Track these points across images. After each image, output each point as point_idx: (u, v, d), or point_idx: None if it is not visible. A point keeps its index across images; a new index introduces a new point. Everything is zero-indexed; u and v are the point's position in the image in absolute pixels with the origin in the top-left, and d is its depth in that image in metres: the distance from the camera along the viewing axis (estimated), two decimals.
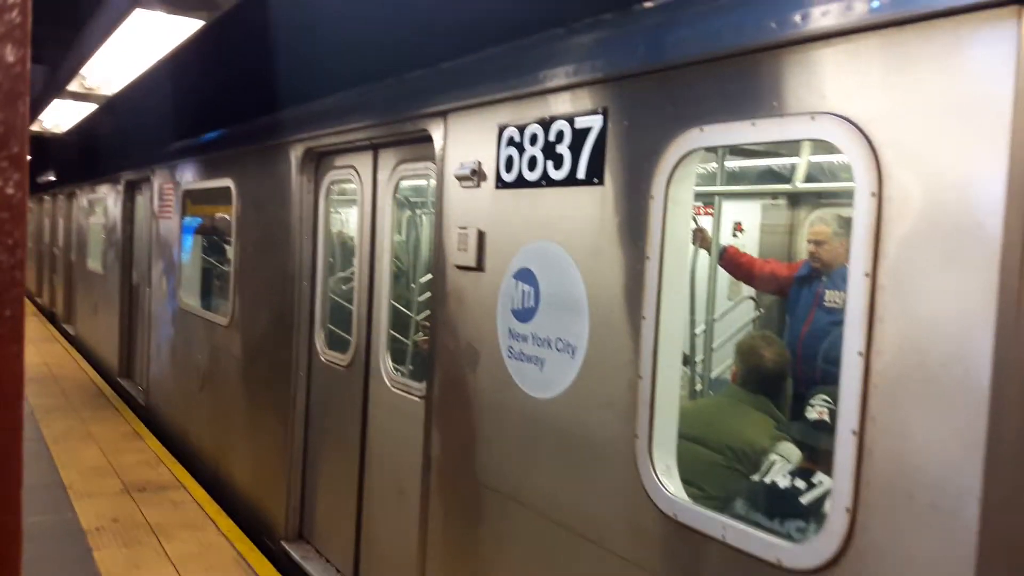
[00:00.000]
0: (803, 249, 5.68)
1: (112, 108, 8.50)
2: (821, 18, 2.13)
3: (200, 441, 6.87)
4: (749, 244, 6.22)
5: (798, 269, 4.96)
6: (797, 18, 2.19)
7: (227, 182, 6.22)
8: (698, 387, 5.28)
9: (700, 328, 5.55)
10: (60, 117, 9.30)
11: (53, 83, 8.38)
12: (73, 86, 6.73)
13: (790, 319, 4.93)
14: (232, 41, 5.40)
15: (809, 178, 5.28)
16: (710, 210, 6.33)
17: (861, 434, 2.02)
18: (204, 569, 4.72)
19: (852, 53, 2.06)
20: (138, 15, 4.11)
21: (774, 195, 6.19)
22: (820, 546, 2.10)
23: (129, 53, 5.09)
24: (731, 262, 5.21)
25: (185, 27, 4.29)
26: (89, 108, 8.44)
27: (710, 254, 5.17)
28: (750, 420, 3.55)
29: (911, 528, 1.92)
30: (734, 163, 5.80)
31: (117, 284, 10.08)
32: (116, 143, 10.38)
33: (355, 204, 4.75)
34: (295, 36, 4.98)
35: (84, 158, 12.87)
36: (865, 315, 2.03)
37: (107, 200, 10.79)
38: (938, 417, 1.87)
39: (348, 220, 5.96)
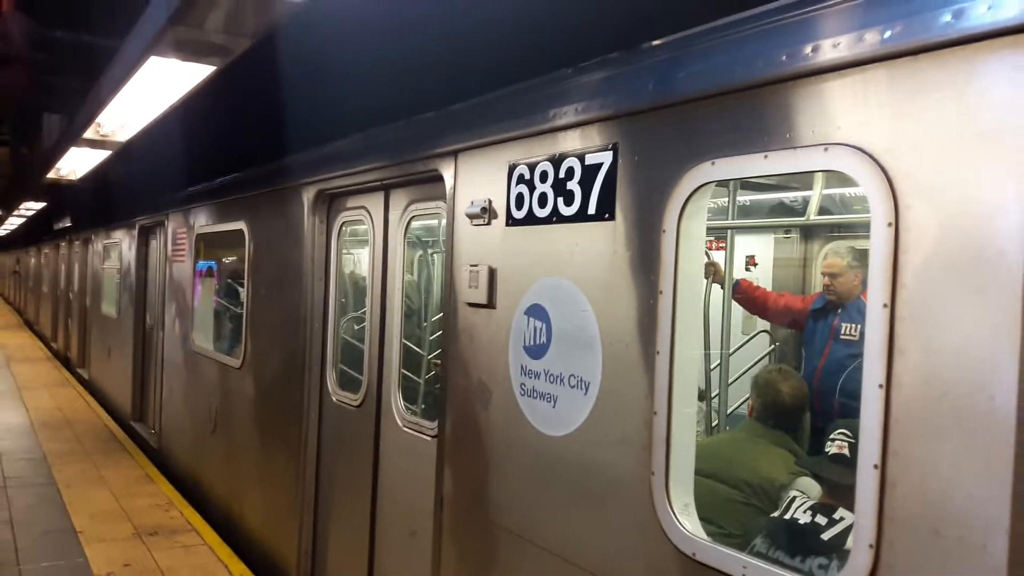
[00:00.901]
0: (817, 282, 5.65)
1: (126, 154, 8.64)
2: (832, 50, 2.13)
3: (212, 484, 6.83)
4: (762, 278, 6.20)
5: (813, 302, 4.93)
6: (808, 50, 2.19)
7: (240, 225, 6.27)
8: (714, 423, 5.23)
9: (715, 363, 5.51)
10: (76, 164, 9.46)
11: (70, 132, 8.56)
12: (89, 133, 6.93)
13: (806, 352, 4.90)
14: (243, 86, 5.50)
15: (822, 210, 5.28)
16: (722, 244, 6.34)
17: (883, 468, 1.98)
18: None
19: (865, 83, 2.05)
20: (152, 62, 4.24)
21: (786, 228, 6.18)
22: None
23: (143, 99, 5.29)
24: (745, 296, 5.19)
25: (197, 73, 4.35)
26: (104, 155, 8.61)
27: (723, 288, 5.16)
28: (768, 455, 3.51)
29: (938, 563, 1.87)
30: (746, 197, 5.82)
31: (130, 328, 10.14)
32: (130, 189, 10.51)
33: (367, 244, 4.76)
34: (305, 80, 5.06)
35: (99, 204, 13.02)
36: (885, 347, 2.00)
37: (121, 245, 10.90)
38: (963, 449, 1.82)
39: (360, 260, 6.00)
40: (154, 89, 4.96)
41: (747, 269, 6.38)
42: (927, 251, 1.92)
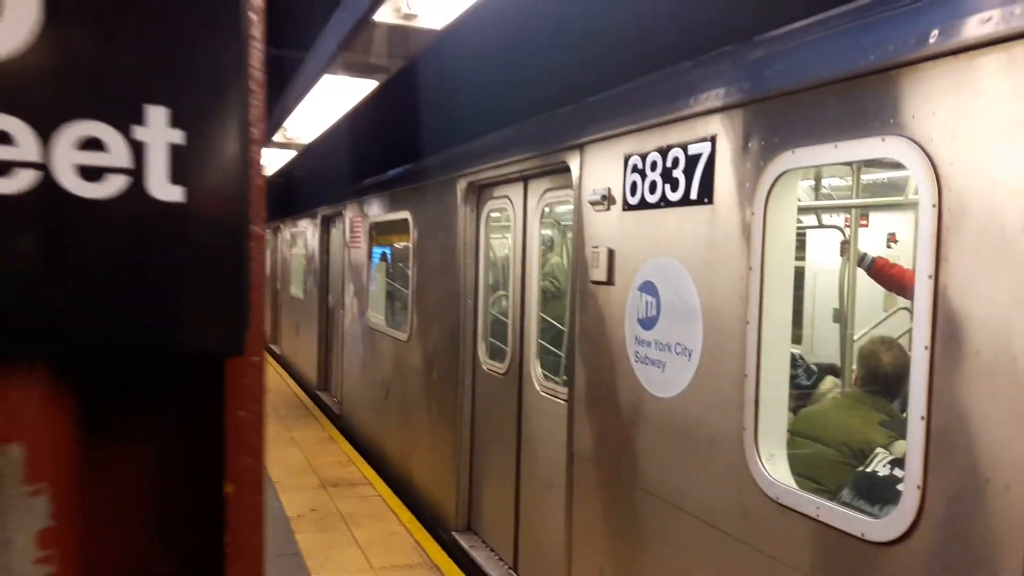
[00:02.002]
0: None
1: (308, 153, 9.77)
2: (889, 52, 2.42)
3: (385, 444, 7.66)
4: (904, 255, 6.17)
5: None
6: (871, 57, 2.47)
7: (405, 214, 6.98)
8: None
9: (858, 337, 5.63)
10: (266, 163, 10.69)
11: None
12: (277, 137, 8.01)
13: None
14: (405, 92, 6.21)
15: None
16: (863, 222, 6.38)
17: (928, 420, 2.26)
18: (386, 552, 5.42)
19: (915, 80, 2.33)
20: (326, 79, 5.10)
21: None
22: (896, 521, 2.34)
23: (321, 108, 6.20)
24: (881, 273, 5.26)
25: (364, 86, 5.13)
26: (290, 154, 9.75)
27: (860, 266, 5.29)
28: (868, 420, 3.71)
29: (971, 500, 2.15)
30: (884, 174, 5.84)
31: (315, 307, 11.22)
32: (313, 183, 11.66)
33: (507, 228, 5.32)
34: (453, 86, 5.66)
35: (286, 197, 14.49)
36: (929, 313, 2.27)
37: (306, 233, 12.04)
38: (991, 402, 2.10)
39: (504, 244, 6.58)
40: (330, 99, 5.83)
41: (888, 246, 6.36)
42: (965, 229, 2.18)
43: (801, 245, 7.70)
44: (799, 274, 7.68)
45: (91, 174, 0.73)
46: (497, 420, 5.36)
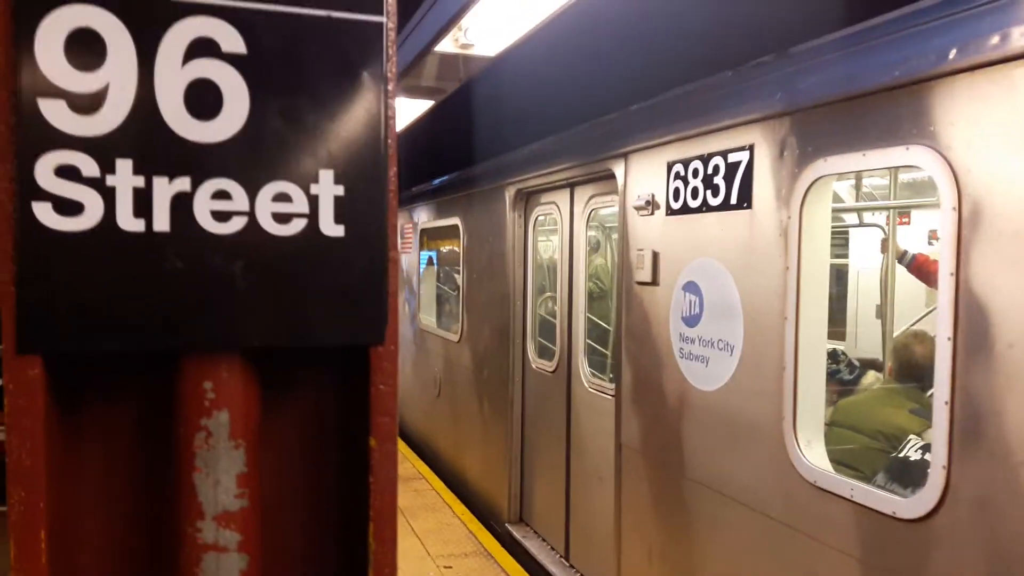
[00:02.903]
0: None
1: None
2: (912, 67, 2.65)
3: (437, 441, 8.03)
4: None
5: None
6: (896, 72, 2.71)
7: (455, 220, 7.34)
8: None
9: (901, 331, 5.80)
10: None
11: None
12: None
13: None
14: (456, 103, 6.57)
15: None
16: (905, 220, 6.58)
17: (952, 405, 2.51)
18: (442, 542, 5.77)
19: (936, 94, 2.57)
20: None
21: None
22: (924, 498, 2.57)
23: None
24: (921, 270, 5.45)
25: (421, 106, 5.64)
26: None
27: (900, 263, 5.48)
28: (901, 410, 3.96)
29: (991, 478, 2.39)
30: (924, 173, 5.99)
31: None
32: None
33: (556, 234, 5.62)
34: (502, 97, 5.99)
35: None
36: (951, 307, 2.52)
37: None
38: (1011, 388, 2.34)
39: (551, 247, 6.86)
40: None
41: (929, 243, 6.51)
42: (982, 230, 2.42)
43: (844, 243, 7.89)
44: (842, 272, 7.87)
45: (282, 219, 1.07)
46: (547, 416, 5.66)
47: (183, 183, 1.03)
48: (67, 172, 0.98)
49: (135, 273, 1.01)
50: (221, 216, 1.05)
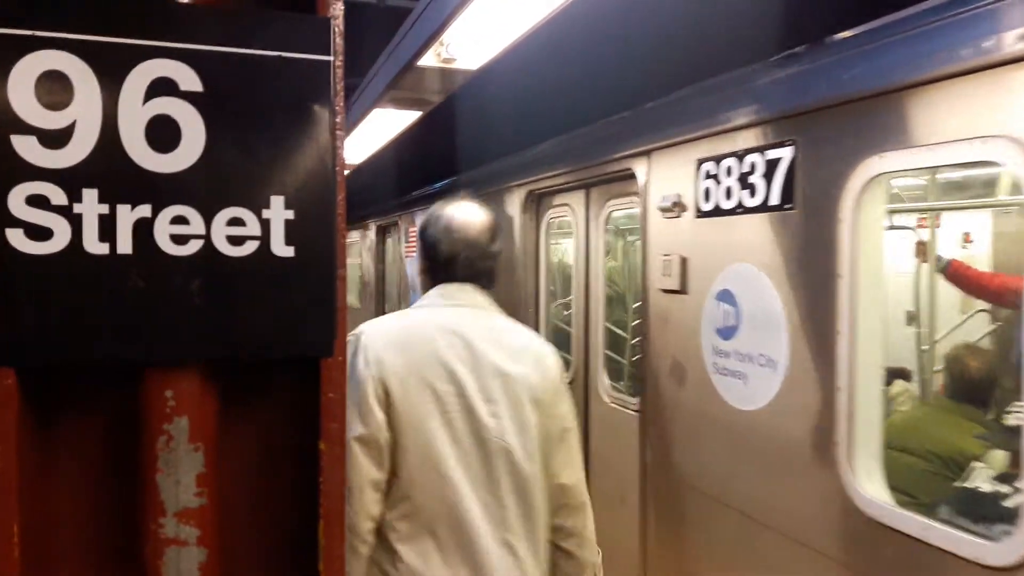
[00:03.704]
0: None
1: (360, 171, 11.11)
2: (987, 51, 2.54)
3: None
4: (980, 255, 6.32)
5: None
6: (964, 52, 2.61)
7: None
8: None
9: (937, 339, 5.90)
10: None
11: None
12: None
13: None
14: (461, 103, 6.82)
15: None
16: (924, 222, 6.58)
17: None
18: None
19: (1012, 80, 2.48)
20: (376, 112, 6.43)
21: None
22: (1015, 544, 2.42)
23: (371, 135, 7.72)
24: (957, 276, 5.54)
25: (410, 116, 6.70)
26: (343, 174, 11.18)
27: (933, 268, 5.58)
28: (956, 428, 3.98)
29: None
30: (961, 173, 6.02)
31: (372, 315, 11.92)
32: (367, 194, 12.55)
33: (570, 237, 5.80)
34: (510, 95, 6.21)
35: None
36: None
37: (362, 243, 12.81)
38: None
39: (565, 252, 6.92)
40: (378, 128, 7.26)
41: (963, 247, 6.56)
42: None
43: None
44: None
45: (236, 241, 1.31)
46: None
47: (144, 210, 1.28)
48: (37, 201, 1.23)
49: (100, 292, 1.26)
50: (179, 239, 1.30)
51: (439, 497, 2.26)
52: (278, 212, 1.32)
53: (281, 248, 1.32)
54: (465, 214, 2.65)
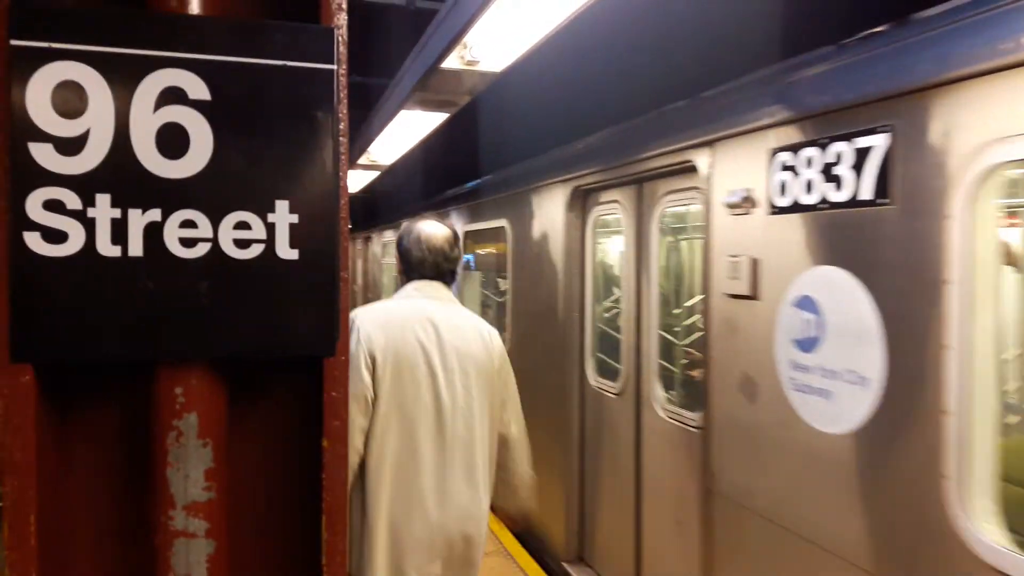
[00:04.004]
0: None
1: (389, 172, 11.62)
2: None
3: None
4: None
5: None
6: None
7: (501, 222, 7.49)
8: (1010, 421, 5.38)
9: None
10: (353, 182, 12.75)
11: (348, 157, 12.08)
12: (362, 160, 10.01)
13: None
14: (499, 97, 6.87)
15: None
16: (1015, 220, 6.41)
17: None
18: None
19: None
20: (403, 113, 6.72)
21: None
22: None
23: (400, 135, 8.03)
24: None
25: (436, 119, 6.97)
26: (373, 174, 11.89)
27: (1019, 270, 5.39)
28: None
29: None
30: None
31: None
32: (400, 194, 12.83)
33: (615, 235, 5.72)
34: (552, 85, 6.24)
35: (370, 210, 17.22)
36: None
37: (377, 243, 12.98)
38: None
39: (613, 251, 6.66)
40: (406, 129, 7.57)
41: None
42: None
43: None
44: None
45: (242, 244, 1.43)
46: (611, 444, 5.70)
47: (155, 214, 1.41)
48: (53, 206, 1.36)
49: (112, 293, 1.39)
50: (188, 242, 1.42)
51: (404, 442, 3.15)
52: (283, 216, 1.44)
53: (285, 251, 1.45)
54: (431, 228, 3.53)
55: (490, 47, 4.60)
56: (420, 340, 3.22)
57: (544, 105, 6.51)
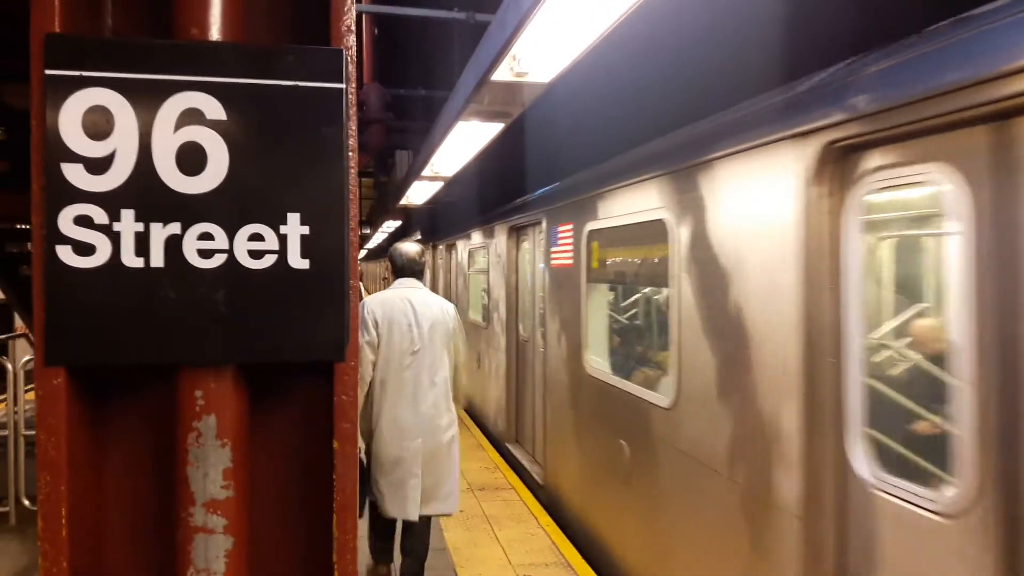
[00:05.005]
0: None
1: (451, 183, 11.77)
2: None
3: (624, 540, 6.00)
4: None
5: None
6: None
7: (659, 214, 5.24)
8: None
9: None
10: (418, 193, 13.08)
11: (412, 171, 12.10)
12: (425, 172, 10.24)
13: None
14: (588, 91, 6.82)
15: None
16: None
17: None
18: (525, 552, 6.64)
19: None
20: (461, 125, 7.05)
21: None
22: None
23: (461, 146, 8.30)
24: None
25: (493, 129, 7.24)
26: (438, 185, 12.13)
27: None
28: None
29: None
30: None
31: (502, 338, 11.07)
32: (491, 189, 13.08)
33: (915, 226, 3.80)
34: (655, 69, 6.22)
35: (437, 220, 18.27)
36: None
37: (488, 249, 11.80)
38: None
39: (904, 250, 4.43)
40: (466, 140, 7.91)
41: None
42: None
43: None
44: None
45: (256, 255, 1.57)
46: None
47: (175, 227, 1.56)
48: (83, 221, 1.52)
49: (136, 301, 1.55)
50: (205, 254, 1.56)
51: (396, 369, 5.26)
52: (294, 228, 1.58)
53: (297, 261, 1.58)
54: (406, 246, 5.65)
55: (539, 59, 4.73)
56: (403, 310, 5.33)
57: (650, 91, 6.25)
